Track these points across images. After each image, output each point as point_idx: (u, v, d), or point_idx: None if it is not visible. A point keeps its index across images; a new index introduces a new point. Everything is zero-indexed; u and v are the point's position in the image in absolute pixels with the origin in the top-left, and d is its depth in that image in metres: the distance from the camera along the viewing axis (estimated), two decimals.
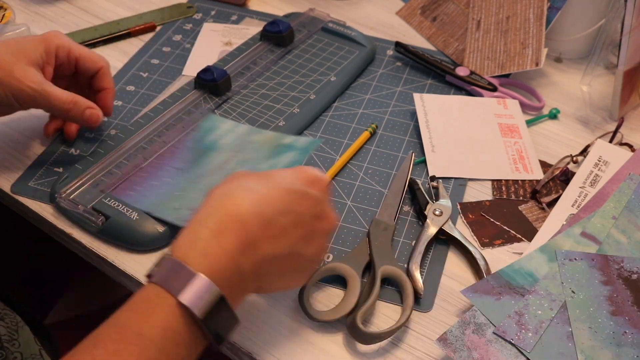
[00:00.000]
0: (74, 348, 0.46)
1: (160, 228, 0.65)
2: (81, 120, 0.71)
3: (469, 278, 0.65)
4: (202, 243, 0.50)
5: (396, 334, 0.59)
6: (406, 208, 0.71)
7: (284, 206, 0.53)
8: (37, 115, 0.78)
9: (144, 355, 0.46)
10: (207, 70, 0.81)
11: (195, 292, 0.47)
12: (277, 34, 0.87)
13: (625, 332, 0.58)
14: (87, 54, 0.73)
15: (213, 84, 0.79)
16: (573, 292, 0.60)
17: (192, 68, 0.87)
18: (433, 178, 0.73)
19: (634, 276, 0.62)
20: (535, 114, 0.83)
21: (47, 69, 0.70)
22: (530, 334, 0.57)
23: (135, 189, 0.68)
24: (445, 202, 0.69)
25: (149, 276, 0.49)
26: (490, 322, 0.58)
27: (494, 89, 0.84)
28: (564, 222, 0.68)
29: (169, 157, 0.72)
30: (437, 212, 0.68)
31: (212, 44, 0.91)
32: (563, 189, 0.72)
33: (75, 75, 0.74)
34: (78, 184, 0.68)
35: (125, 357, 0.45)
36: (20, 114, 0.78)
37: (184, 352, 0.48)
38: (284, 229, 0.52)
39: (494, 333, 0.58)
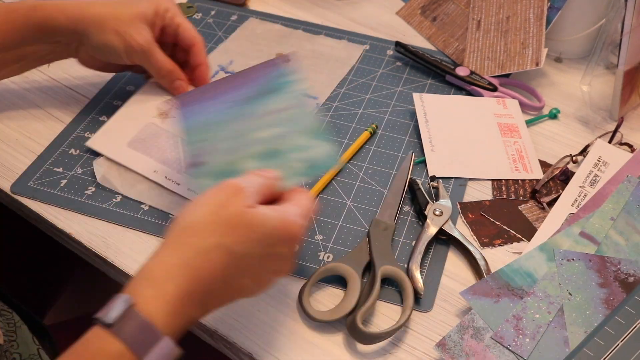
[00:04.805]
0: None
1: None
2: (170, 88, 0.76)
3: (469, 278, 0.65)
4: (168, 306, 0.47)
5: (396, 334, 0.59)
6: (406, 208, 0.71)
7: (249, 269, 0.52)
8: (37, 115, 0.78)
9: None
10: None
11: (158, 355, 0.46)
12: None
13: None
14: (188, 25, 0.75)
15: None
16: (570, 294, 0.60)
17: None
18: (433, 178, 0.73)
19: (631, 279, 0.62)
20: (535, 114, 0.83)
21: (155, 29, 0.73)
22: (527, 340, 0.57)
23: (191, 103, 0.67)
24: (445, 202, 0.69)
25: (107, 324, 0.46)
26: (489, 327, 0.58)
27: (494, 89, 0.84)
28: (564, 222, 0.68)
29: (233, 87, 0.67)
30: (437, 212, 0.68)
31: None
32: (563, 189, 0.72)
33: (174, 50, 0.77)
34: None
35: None
36: (19, 114, 0.78)
37: None
38: (241, 287, 0.53)
39: (492, 338, 0.57)
